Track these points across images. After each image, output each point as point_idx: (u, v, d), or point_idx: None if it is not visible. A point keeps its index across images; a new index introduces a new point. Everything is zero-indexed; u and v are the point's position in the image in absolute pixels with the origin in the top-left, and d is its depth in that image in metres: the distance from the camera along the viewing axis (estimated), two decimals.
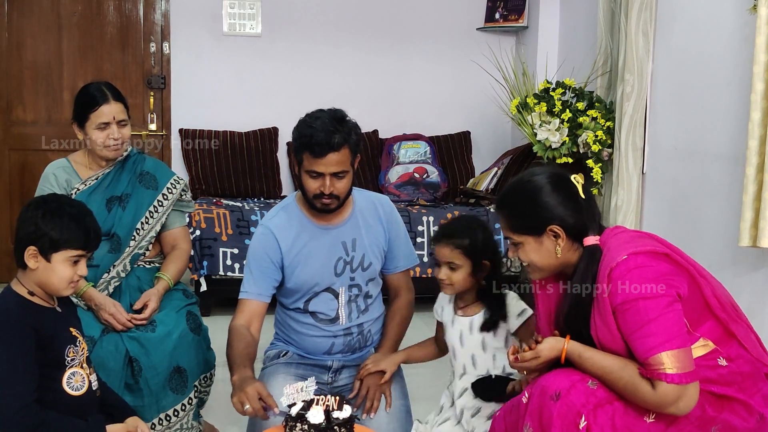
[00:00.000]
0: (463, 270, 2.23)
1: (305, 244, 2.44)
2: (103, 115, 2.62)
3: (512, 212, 1.99)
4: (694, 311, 1.87)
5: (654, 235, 1.99)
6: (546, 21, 5.16)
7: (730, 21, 3.22)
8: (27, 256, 1.90)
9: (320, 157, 2.29)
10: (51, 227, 1.90)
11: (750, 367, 1.89)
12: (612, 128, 3.98)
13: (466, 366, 2.30)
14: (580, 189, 1.95)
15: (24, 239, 1.91)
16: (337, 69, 5.40)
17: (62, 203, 1.96)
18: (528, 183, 1.98)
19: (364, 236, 2.49)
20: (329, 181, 2.32)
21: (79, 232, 1.93)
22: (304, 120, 2.35)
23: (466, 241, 2.21)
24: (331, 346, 2.48)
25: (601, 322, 1.86)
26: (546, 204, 1.93)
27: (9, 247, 5.09)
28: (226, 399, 3.02)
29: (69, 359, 1.96)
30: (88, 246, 1.96)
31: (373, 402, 2.37)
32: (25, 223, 1.92)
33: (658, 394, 1.76)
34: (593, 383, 1.85)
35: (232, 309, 2.51)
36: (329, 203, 2.37)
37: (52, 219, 1.90)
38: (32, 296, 1.95)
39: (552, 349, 1.92)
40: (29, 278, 1.94)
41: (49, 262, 1.91)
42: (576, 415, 1.80)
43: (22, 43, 5.03)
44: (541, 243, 1.94)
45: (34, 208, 1.93)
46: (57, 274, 1.92)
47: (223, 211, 4.42)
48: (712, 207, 3.31)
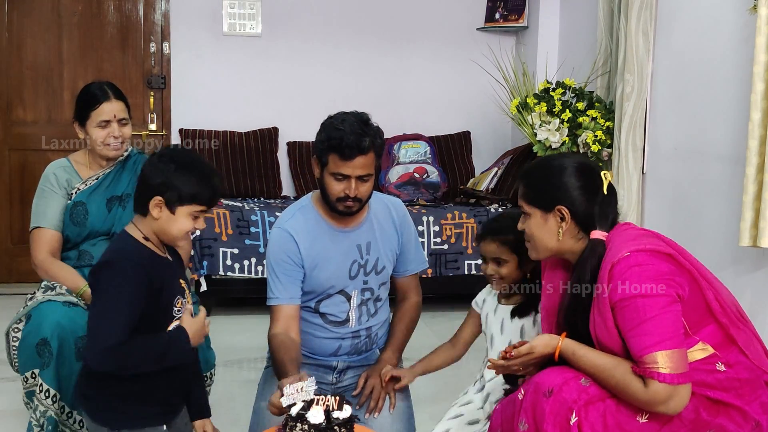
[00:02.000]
0: (510, 264, 2.27)
1: (323, 246, 2.42)
2: (104, 113, 2.62)
3: (529, 182, 2.03)
4: (694, 313, 1.87)
5: (660, 235, 1.99)
6: (546, 21, 5.16)
7: (730, 21, 3.22)
8: (152, 205, 1.93)
9: (349, 159, 2.28)
10: (182, 182, 1.92)
11: (749, 374, 1.89)
12: (612, 128, 3.99)
13: None
14: (605, 184, 1.97)
15: (152, 188, 1.93)
16: (337, 69, 5.40)
17: (194, 159, 2.00)
18: (555, 160, 2.04)
19: (378, 240, 2.48)
20: (354, 183, 2.32)
21: (207, 190, 1.96)
22: (330, 122, 2.34)
23: (511, 236, 2.23)
24: (338, 348, 2.48)
25: (599, 319, 1.87)
26: (563, 184, 1.96)
27: (9, 247, 5.12)
28: (226, 399, 3.03)
29: (176, 309, 1.99)
30: (211, 203, 1.99)
31: (377, 402, 2.36)
32: (155, 173, 1.93)
33: (649, 393, 1.77)
34: (586, 380, 1.86)
35: (232, 309, 2.50)
36: (352, 206, 2.36)
37: (183, 174, 1.93)
38: (146, 241, 1.97)
39: (546, 346, 1.93)
40: (147, 225, 1.97)
41: (173, 213, 1.94)
42: (567, 411, 1.81)
43: (22, 43, 5.04)
44: (546, 220, 1.97)
45: (167, 161, 1.95)
46: (178, 226, 1.96)
47: (223, 211, 4.42)
48: (712, 207, 3.31)
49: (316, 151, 2.37)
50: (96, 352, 1.86)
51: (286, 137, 5.31)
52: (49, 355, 2.36)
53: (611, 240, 1.93)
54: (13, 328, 2.51)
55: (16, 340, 2.48)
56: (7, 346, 2.52)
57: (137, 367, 1.90)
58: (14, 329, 2.51)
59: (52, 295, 2.51)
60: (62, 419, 2.40)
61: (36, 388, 2.39)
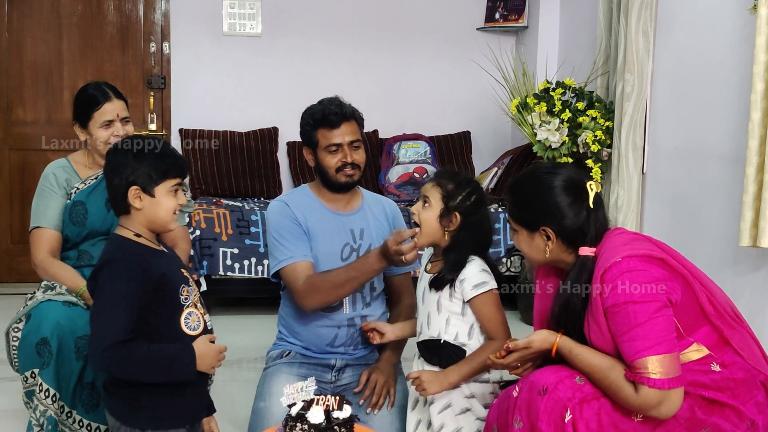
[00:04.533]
0: (432, 210, 2.20)
1: (315, 224, 2.49)
2: (107, 112, 2.63)
3: (516, 200, 2.03)
4: (688, 316, 1.88)
5: (652, 239, 2.00)
6: (546, 21, 5.16)
7: (730, 21, 3.22)
8: (131, 197, 1.95)
9: (336, 127, 2.44)
10: (146, 164, 1.95)
11: (744, 374, 1.90)
12: (612, 128, 3.99)
13: (422, 325, 2.26)
14: (592, 197, 1.94)
15: (123, 183, 1.95)
16: (337, 69, 5.40)
17: (142, 141, 2.00)
18: (542, 177, 1.99)
19: (372, 227, 2.55)
20: (348, 150, 2.45)
21: (172, 159, 2.00)
22: (307, 108, 2.52)
23: (449, 185, 2.20)
24: (334, 338, 2.49)
25: (593, 323, 1.88)
26: (548, 204, 1.94)
27: (9, 247, 5.11)
28: (226, 399, 3.03)
29: (183, 298, 1.99)
30: (183, 172, 2.02)
31: (379, 399, 2.39)
32: (117, 169, 1.95)
33: (640, 397, 1.78)
34: (581, 379, 1.88)
35: (232, 309, 2.51)
36: (353, 173, 2.48)
37: (143, 157, 1.95)
38: (139, 238, 1.98)
39: (544, 341, 1.94)
40: (134, 221, 1.98)
41: (153, 196, 1.96)
42: (562, 409, 1.82)
43: (22, 43, 5.04)
44: (533, 238, 1.98)
45: (121, 154, 1.97)
46: (163, 207, 1.97)
47: (223, 211, 4.42)
48: (712, 207, 3.31)
49: (305, 138, 2.51)
50: (97, 352, 1.87)
51: (286, 137, 5.31)
52: (48, 354, 2.36)
53: (603, 246, 1.93)
54: (13, 328, 2.51)
55: (16, 340, 2.48)
56: (7, 345, 2.52)
57: (138, 373, 1.90)
58: (14, 329, 2.51)
59: (52, 295, 2.51)
60: (62, 419, 2.40)
61: (36, 388, 2.39)
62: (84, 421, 2.41)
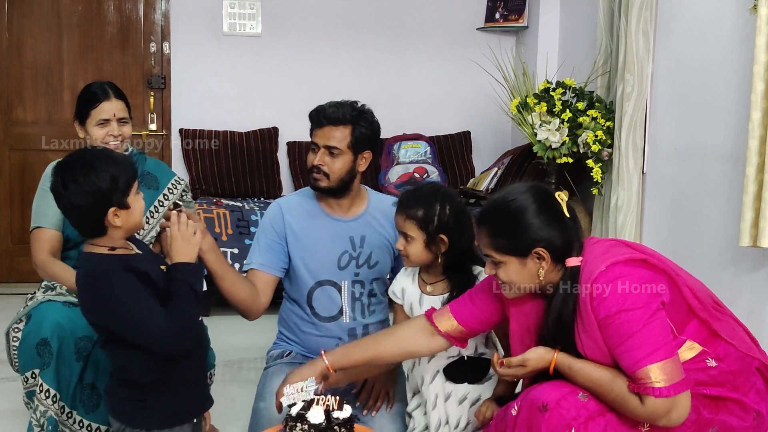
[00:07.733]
0: (417, 243, 2.13)
1: (311, 228, 2.47)
2: (104, 111, 2.63)
3: (495, 232, 1.90)
4: (677, 314, 1.86)
5: (627, 242, 1.97)
6: (546, 21, 5.16)
7: (730, 21, 3.22)
8: (110, 217, 1.87)
9: (319, 127, 2.39)
10: (110, 180, 1.86)
11: (740, 363, 1.88)
12: (612, 128, 3.98)
13: None
14: (564, 207, 1.90)
15: (97, 207, 1.87)
16: (337, 69, 5.40)
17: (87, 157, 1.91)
18: (513, 202, 1.89)
19: (373, 235, 2.51)
20: (320, 153, 2.38)
21: (129, 165, 1.93)
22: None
23: (419, 212, 2.10)
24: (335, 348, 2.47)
25: (586, 338, 1.84)
26: (531, 225, 1.86)
27: (9, 247, 5.11)
28: (226, 399, 3.03)
29: None
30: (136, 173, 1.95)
31: (377, 400, 2.38)
32: (86, 196, 1.85)
33: (647, 409, 1.74)
34: (584, 395, 1.83)
35: (232, 309, 2.51)
36: (318, 179, 2.41)
37: (102, 172, 1.86)
38: (113, 251, 1.93)
39: (541, 360, 1.89)
40: (108, 239, 1.92)
41: (129, 208, 1.91)
42: (566, 428, 1.78)
43: (22, 43, 5.03)
44: (525, 265, 1.88)
45: (81, 177, 1.85)
46: (137, 212, 1.94)
47: (223, 211, 4.42)
48: (712, 207, 3.31)
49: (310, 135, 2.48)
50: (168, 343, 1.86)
51: (286, 137, 5.31)
52: (49, 355, 2.36)
53: (584, 257, 1.89)
54: (14, 328, 2.51)
55: (16, 340, 2.48)
56: (8, 346, 2.52)
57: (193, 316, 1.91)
58: (14, 329, 2.51)
59: (53, 295, 2.51)
60: (62, 419, 2.40)
61: (36, 388, 2.39)
62: (84, 422, 2.41)
